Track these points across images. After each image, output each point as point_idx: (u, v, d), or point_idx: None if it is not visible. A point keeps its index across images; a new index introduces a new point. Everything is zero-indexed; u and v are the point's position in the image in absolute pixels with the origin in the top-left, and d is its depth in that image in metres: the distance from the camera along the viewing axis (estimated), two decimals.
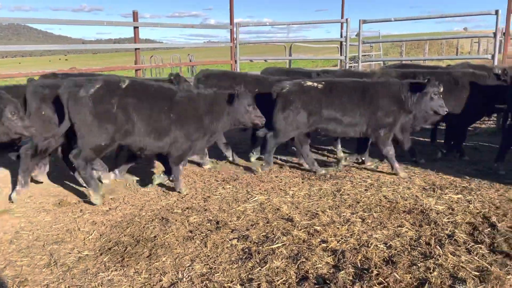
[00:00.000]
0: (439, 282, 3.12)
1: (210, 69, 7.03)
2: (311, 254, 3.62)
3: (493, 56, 8.60)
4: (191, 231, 4.23)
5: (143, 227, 4.37)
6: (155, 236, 4.14)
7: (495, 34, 8.47)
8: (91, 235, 4.21)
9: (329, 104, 5.69)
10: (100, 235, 4.21)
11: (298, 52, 18.13)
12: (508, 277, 3.17)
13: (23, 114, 4.79)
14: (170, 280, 3.36)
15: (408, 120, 5.99)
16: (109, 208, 4.91)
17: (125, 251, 3.84)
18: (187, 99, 5.14)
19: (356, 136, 6.00)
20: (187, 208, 4.87)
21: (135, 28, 8.70)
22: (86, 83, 4.78)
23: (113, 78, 5.17)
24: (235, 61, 11.40)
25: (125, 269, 3.54)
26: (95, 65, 29.45)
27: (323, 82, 5.82)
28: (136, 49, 9.04)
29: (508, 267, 3.33)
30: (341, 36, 11.37)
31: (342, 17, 11.98)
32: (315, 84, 5.78)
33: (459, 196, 4.91)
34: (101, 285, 3.31)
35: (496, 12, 8.30)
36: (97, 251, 3.87)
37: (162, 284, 3.31)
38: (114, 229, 4.34)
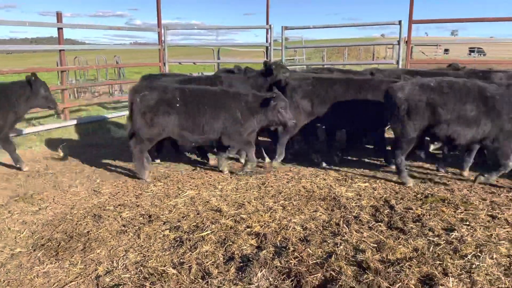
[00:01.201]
0: (344, 253, 3.68)
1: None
2: (237, 238, 4.03)
3: (397, 62, 9.67)
4: (124, 225, 4.45)
5: (76, 224, 4.50)
6: (88, 232, 4.31)
7: (399, 42, 9.54)
8: (22, 233, 4.28)
9: None
10: (32, 233, 4.29)
11: (226, 55, 18.59)
12: (399, 246, 3.81)
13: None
14: (106, 269, 3.58)
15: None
16: (39, 208, 4.95)
17: (59, 246, 3.98)
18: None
19: None
20: (119, 205, 5.06)
21: (59, 29, 8.56)
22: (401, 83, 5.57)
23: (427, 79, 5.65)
24: (164, 64, 11.54)
25: (60, 262, 3.70)
26: (14, 66, 27.62)
27: None
28: (60, 50, 8.89)
29: (401, 239, 3.99)
30: (266, 41, 11.96)
31: (267, 23, 12.56)
32: None
33: (367, 184, 5.61)
34: (37, 277, 3.45)
35: (399, 22, 9.37)
36: (30, 248, 3.97)
37: (98, 273, 3.52)
38: (46, 227, 4.43)
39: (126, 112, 10.11)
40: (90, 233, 4.26)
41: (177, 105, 5.70)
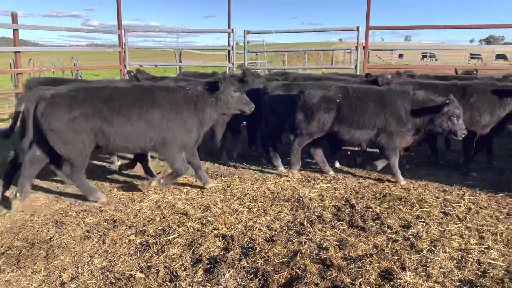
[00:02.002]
0: (308, 252, 3.82)
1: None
2: (204, 241, 4.08)
3: (356, 66, 10.03)
4: (88, 231, 4.38)
5: (37, 230, 4.39)
6: (50, 238, 4.21)
7: (357, 47, 9.90)
8: None
9: None
10: None
11: (187, 58, 18.49)
12: (360, 243, 3.99)
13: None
14: (70, 275, 3.53)
15: None
16: None
17: (20, 254, 3.88)
18: None
19: None
20: (82, 210, 4.96)
21: (15, 30, 8.26)
22: None
23: None
24: (125, 66, 11.36)
25: (22, 270, 3.60)
26: None
27: None
28: (16, 52, 8.57)
29: (361, 236, 4.17)
30: (229, 45, 12.06)
31: (229, 27, 12.64)
32: None
33: (328, 185, 5.80)
34: None
35: (357, 29, 9.73)
36: None
37: (63, 280, 3.46)
38: (5, 235, 4.28)
39: None
40: (53, 240, 4.17)
41: (338, 102, 5.83)
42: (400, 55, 46.75)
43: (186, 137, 5.22)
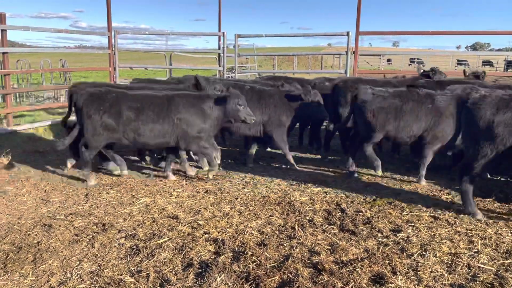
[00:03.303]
0: (300, 256, 3.81)
1: None
2: (195, 245, 4.05)
3: (346, 71, 10.09)
4: (76, 235, 4.32)
5: (24, 234, 4.32)
6: (38, 242, 4.14)
7: (347, 52, 9.96)
8: None
9: None
10: None
11: (177, 61, 18.40)
12: (351, 248, 4.00)
13: None
14: (59, 280, 3.47)
15: None
16: None
17: (7, 258, 3.80)
18: None
19: None
20: (70, 214, 4.89)
21: (3, 31, 8.15)
22: None
23: None
24: (114, 68, 11.28)
25: (9, 274, 3.54)
26: None
27: None
28: (4, 53, 8.44)
29: (352, 240, 4.18)
30: (219, 48, 12.03)
31: (219, 30, 12.64)
32: None
33: (319, 189, 5.81)
34: None
35: (347, 34, 9.80)
36: None
37: (51, 284, 3.41)
38: None
39: None
40: (41, 244, 4.10)
41: None
42: (388, 60, 47.20)
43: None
